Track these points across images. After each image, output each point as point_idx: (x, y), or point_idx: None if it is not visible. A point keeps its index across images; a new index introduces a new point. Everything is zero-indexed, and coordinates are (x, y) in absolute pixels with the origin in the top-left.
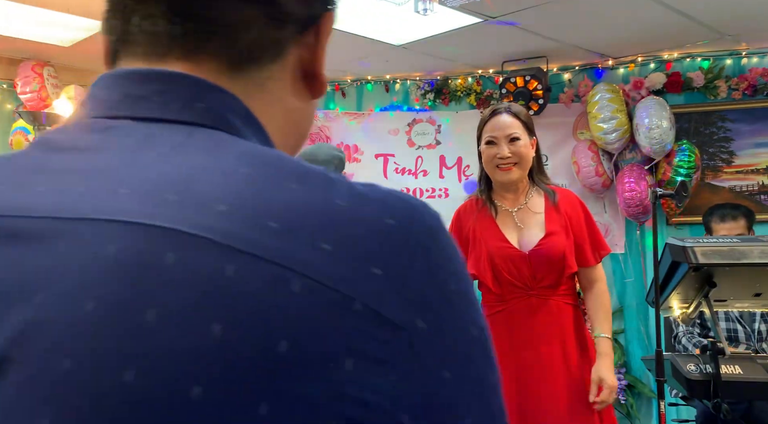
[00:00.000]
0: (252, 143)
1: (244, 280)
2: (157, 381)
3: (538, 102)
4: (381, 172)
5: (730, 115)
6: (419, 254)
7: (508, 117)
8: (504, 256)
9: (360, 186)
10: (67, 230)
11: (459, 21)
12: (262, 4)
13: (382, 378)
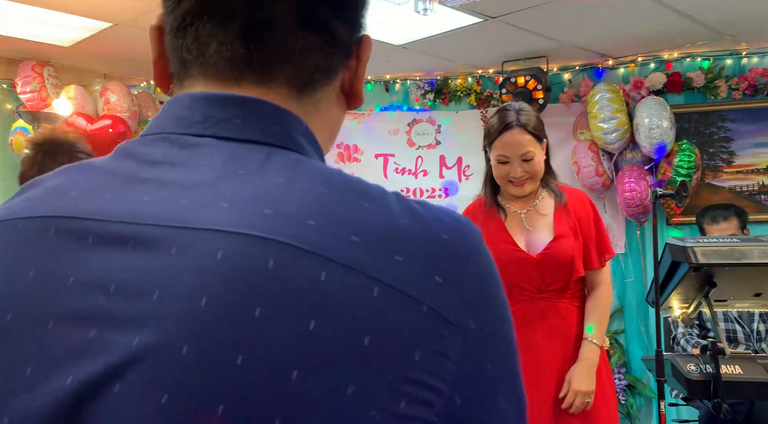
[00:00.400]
0: (320, 164)
1: (333, 284)
2: (261, 365)
3: (538, 102)
4: (381, 172)
5: (730, 115)
6: (470, 264)
7: (520, 134)
8: (512, 259)
9: (415, 204)
10: (177, 237)
11: (459, 21)
12: (322, 32)
13: (442, 367)
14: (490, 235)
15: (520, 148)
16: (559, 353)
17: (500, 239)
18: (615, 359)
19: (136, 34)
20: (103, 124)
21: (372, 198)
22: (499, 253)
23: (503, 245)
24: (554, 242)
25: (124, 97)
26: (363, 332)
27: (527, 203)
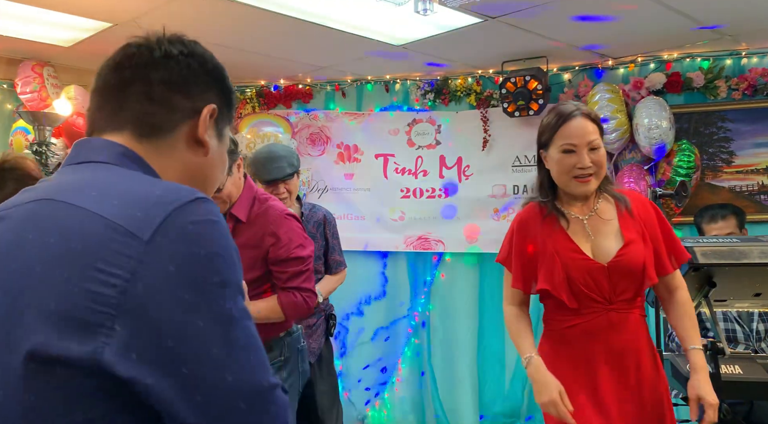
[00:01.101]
0: (125, 170)
1: (81, 220)
2: (29, 262)
3: (537, 102)
4: (381, 172)
5: (729, 115)
6: (167, 206)
7: (587, 122)
8: (580, 268)
9: (172, 186)
10: (21, 208)
11: (459, 21)
12: (162, 105)
13: (124, 263)
14: (555, 243)
15: (588, 135)
16: (631, 368)
17: (566, 247)
18: None
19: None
20: None
21: (142, 184)
22: (567, 262)
23: (570, 254)
24: (625, 249)
25: None
26: (77, 241)
27: (587, 208)
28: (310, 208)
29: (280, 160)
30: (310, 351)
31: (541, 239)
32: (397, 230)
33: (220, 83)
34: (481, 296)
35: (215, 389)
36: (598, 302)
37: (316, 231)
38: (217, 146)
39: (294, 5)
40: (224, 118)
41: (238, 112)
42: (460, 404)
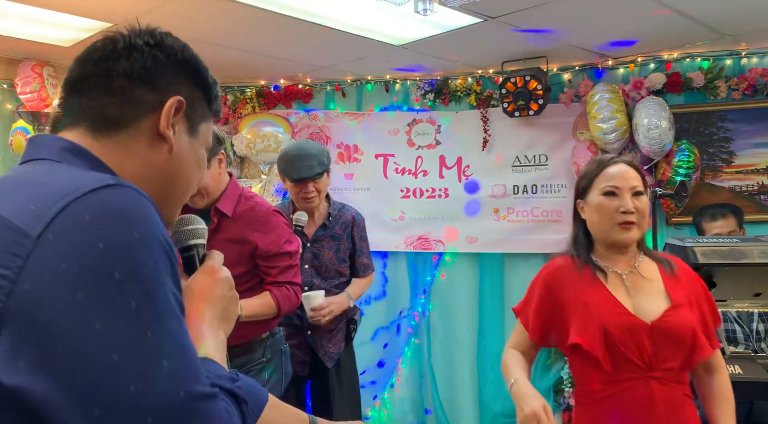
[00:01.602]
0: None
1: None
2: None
3: (537, 102)
4: (381, 172)
5: (729, 115)
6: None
7: (629, 168)
8: (620, 325)
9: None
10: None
11: (459, 21)
12: (122, 97)
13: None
14: (591, 296)
15: (632, 180)
16: None
17: (604, 300)
18: None
19: None
20: None
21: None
22: (604, 316)
23: (609, 307)
24: (673, 310)
25: None
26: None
27: (627, 264)
28: (339, 209)
29: (310, 159)
30: (328, 356)
31: (572, 290)
32: (397, 230)
33: (194, 75)
34: (481, 296)
35: (116, 401)
36: (637, 367)
37: (342, 232)
38: (188, 142)
39: (294, 5)
40: (199, 112)
41: (238, 112)
42: (460, 404)
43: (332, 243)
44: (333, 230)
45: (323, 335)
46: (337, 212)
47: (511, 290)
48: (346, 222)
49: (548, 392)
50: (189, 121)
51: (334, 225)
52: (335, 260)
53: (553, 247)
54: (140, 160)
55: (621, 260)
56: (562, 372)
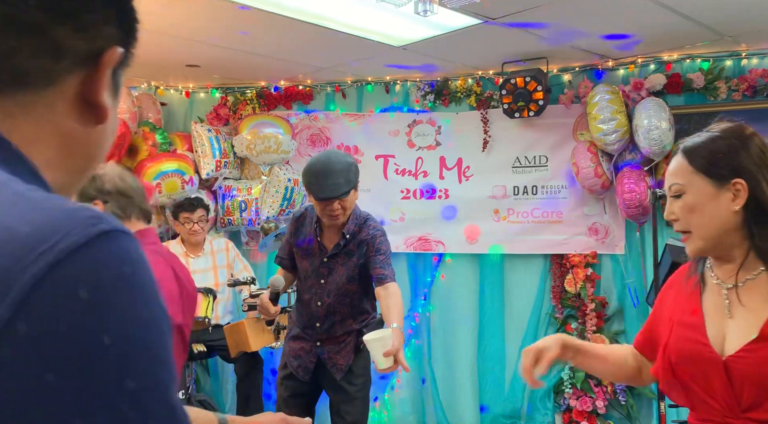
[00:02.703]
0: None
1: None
2: None
3: (538, 103)
4: (381, 173)
5: (730, 116)
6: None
7: (680, 159)
8: (692, 356)
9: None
10: None
11: (459, 22)
12: (31, 36)
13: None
14: (679, 314)
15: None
16: None
17: (687, 321)
18: None
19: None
20: None
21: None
22: (673, 341)
23: (683, 330)
24: (756, 344)
25: (124, 98)
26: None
27: (733, 276)
28: (360, 225)
29: (336, 176)
30: (337, 368)
31: (672, 299)
32: (397, 230)
33: (120, 5)
34: (481, 297)
35: None
36: (715, 410)
37: (356, 250)
38: (112, 107)
39: (294, 6)
40: (123, 62)
41: (239, 113)
42: (460, 405)
43: (346, 259)
44: (348, 247)
45: (332, 347)
46: (356, 228)
47: (511, 291)
48: (363, 240)
49: (548, 392)
50: (114, 77)
51: (350, 241)
52: (344, 277)
53: (553, 248)
54: (55, 134)
55: (727, 269)
56: (562, 373)
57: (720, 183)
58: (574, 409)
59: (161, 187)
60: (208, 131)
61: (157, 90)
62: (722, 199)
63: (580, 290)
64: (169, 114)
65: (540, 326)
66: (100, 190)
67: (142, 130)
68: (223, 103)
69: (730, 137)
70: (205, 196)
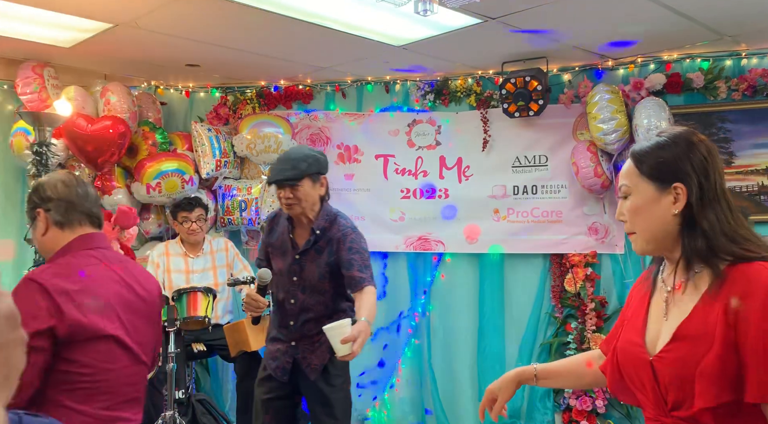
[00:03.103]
0: None
1: None
2: None
3: (537, 103)
4: (381, 172)
5: (729, 115)
6: None
7: (628, 163)
8: (626, 355)
9: None
10: None
11: (459, 21)
12: None
13: None
14: (631, 317)
15: (621, 179)
16: None
17: (634, 324)
18: None
19: (136, 35)
20: (103, 124)
21: None
22: (620, 344)
23: (628, 333)
24: (673, 344)
25: (124, 97)
26: None
27: (678, 276)
28: (330, 221)
29: (287, 162)
30: (311, 368)
31: (628, 305)
32: (397, 230)
33: None
34: (481, 297)
35: None
36: (651, 410)
37: (326, 246)
38: None
39: (294, 5)
40: None
41: (239, 112)
42: (460, 405)
43: (316, 256)
44: (318, 244)
45: (306, 346)
46: (326, 224)
47: (511, 291)
48: (333, 237)
49: (548, 392)
50: None
51: (321, 238)
52: (316, 275)
53: (553, 247)
54: None
55: (671, 271)
56: None
57: (663, 187)
58: (574, 408)
59: (161, 186)
60: (208, 131)
61: (157, 89)
62: (663, 203)
63: (580, 289)
64: (169, 113)
65: (540, 326)
66: (42, 197)
67: (142, 129)
68: (223, 102)
69: (677, 143)
70: (205, 196)
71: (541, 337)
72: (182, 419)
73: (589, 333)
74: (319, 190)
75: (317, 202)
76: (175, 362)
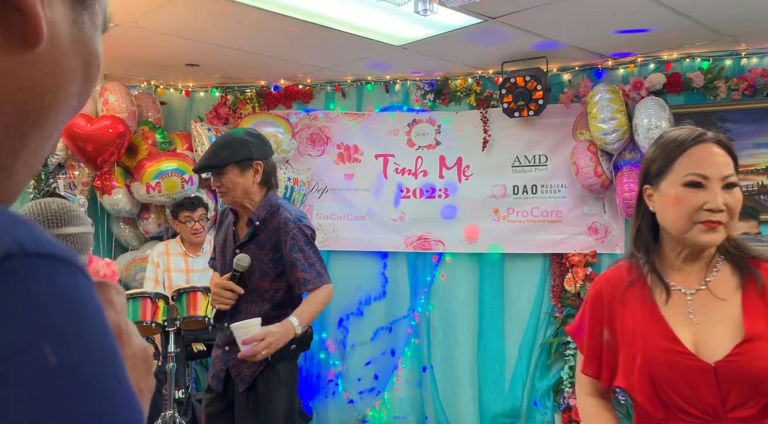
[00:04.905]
0: None
1: None
2: None
3: (537, 102)
4: (381, 172)
5: (729, 115)
6: None
7: (721, 151)
8: (672, 366)
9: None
10: None
11: (459, 21)
12: None
13: None
14: (642, 324)
15: (724, 169)
16: None
17: (655, 332)
18: None
19: (136, 35)
20: (102, 124)
21: None
22: (653, 354)
23: (659, 342)
24: (745, 346)
25: (123, 97)
26: None
27: (697, 278)
28: (272, 212)
29: (210, 149)
30: (241, 378)
31: (621, 314)
32: (397, 230)
33: None
34: (481, 297)
35: None
36: (700, 418)
37: (266, 241)
38: (71, 24)
39: (294, 5)
40: None
41: (238, 112)
42: (460, 404)
43: (257, 251)
44: (258, 237)
45: (237, 352)
46: (266, 215)
47: (511, 290)
48: (273, 229)
49: (548, 392)
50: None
51: (261, 230)
52: (257, 272)
53: (553, 247)
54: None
55: (691, 271)
56: (562, 372)
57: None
58: (574, 408)
59: (161, 186)
60: (208, 130)
61: (157, 89)
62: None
63: (580, 289)
64: (169, 113)
65: (540, 326)
66: None
67: (141, 129)
68: (222, 102)
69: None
70: (205, 196)
71: (541, 337)
72: (182, 419)
73: None
74: (251, 178)
75: (253, 191)
76: (175, 361)
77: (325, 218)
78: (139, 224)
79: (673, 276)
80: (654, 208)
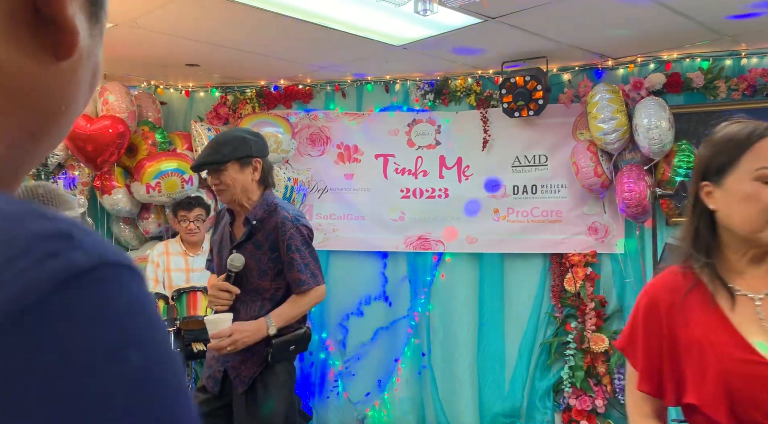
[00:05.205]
0: None
1: None
2: None
3: (537, 102)
4: (381, 172)
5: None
6: None
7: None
8: (752, 378)
9: None
10: None
11: (459, 21)
12: None
13: None
14: (710, 332)
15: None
16: None
17: (726, 341)
18: (615, 359)
19: (136, 35)
20: (102, 124)
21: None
22: (728, 366)
23: (733, 352)
24: None
25: (122, 97)
26: None
27: (763, 282)
28: (269, 211)
29: (210, 146)
30: (240, 379)
31: (683, 323)
32: (397, 230)
33: None
34: (481, 297)
35: None
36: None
37: (264, 240)
38: (90, 37)
39: (294, 5)
40: None
41: (238, 112)
42: (460, 404)
43: (255, 250)
44: (255, 237)
45: (237, 354)
46: (263, 214)
47: (510, 291)
48: (271, 228)
49: (548, 392)
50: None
51: (259, 229)
52: (255, 272)
53: (553, 247)
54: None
55: (757, 274)
56: (562, 372)
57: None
58: (574, 408)
59: (161, 186)
60: (208, 130)
61: (157, 89)
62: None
63: (580, 289)
64: (169, 113)
65: (540, 326)
66: None
67: (141, 129)
68: (222, 102)
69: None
70: (206, 196)
71: (541, 336)
72: None
73: (589, 333)
74: (251, 175)
75: (252, 189)
76: None
77: (324, 218)
78: (139, 224)
79: (737, 280)
80: (716, 206)
